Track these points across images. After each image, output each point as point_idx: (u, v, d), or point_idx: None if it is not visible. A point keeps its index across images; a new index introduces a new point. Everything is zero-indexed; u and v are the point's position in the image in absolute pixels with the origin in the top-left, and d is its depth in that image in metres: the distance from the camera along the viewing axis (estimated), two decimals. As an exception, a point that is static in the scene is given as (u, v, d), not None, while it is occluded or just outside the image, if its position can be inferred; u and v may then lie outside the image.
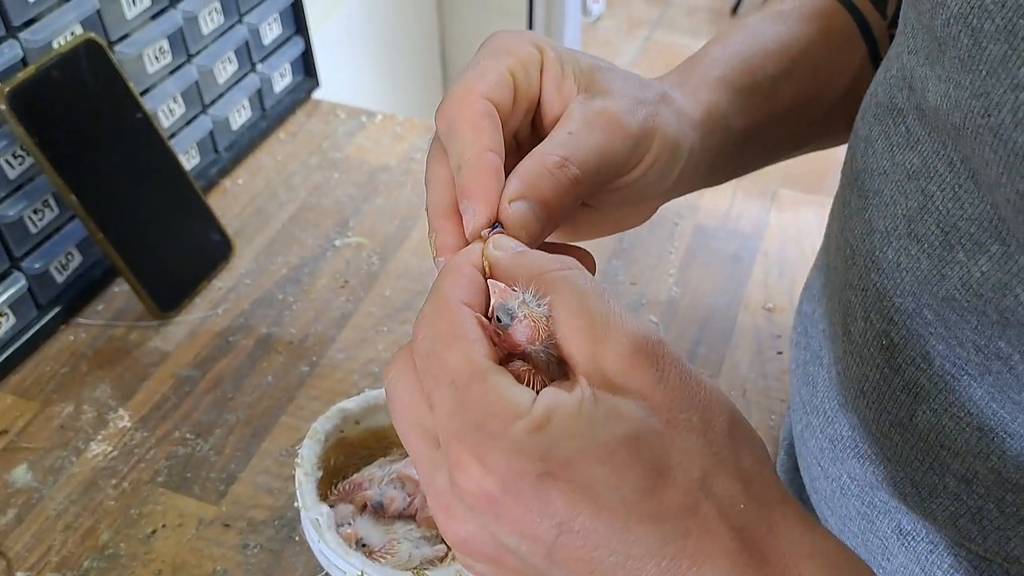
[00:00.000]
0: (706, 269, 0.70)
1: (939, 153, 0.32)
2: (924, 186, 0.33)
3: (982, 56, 0.27)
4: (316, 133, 0.83)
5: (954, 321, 0.32)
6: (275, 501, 0.55)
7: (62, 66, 0.59)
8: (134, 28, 0.66)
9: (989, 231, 0.30)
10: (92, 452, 0.57)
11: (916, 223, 0.33)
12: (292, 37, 0.82)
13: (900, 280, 0.34)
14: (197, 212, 0.69)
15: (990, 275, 0.30)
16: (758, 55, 0.43)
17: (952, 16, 0.28)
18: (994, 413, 0.33)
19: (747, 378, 0.62)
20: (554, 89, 0.34)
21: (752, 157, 0.46)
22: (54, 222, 0.64)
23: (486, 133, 0.31)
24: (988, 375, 0.32)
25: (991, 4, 0.26)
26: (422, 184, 0.79)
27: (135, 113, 0.64)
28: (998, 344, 0.31)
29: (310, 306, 0.67)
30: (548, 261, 0.28)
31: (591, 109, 0.33)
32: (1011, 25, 0.25)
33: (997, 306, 0.30)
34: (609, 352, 0.26)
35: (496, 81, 0.33)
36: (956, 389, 0.33)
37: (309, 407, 0.60)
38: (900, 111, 0.35)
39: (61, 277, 0.65)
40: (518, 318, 0.27)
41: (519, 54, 0.34)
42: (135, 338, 0.65)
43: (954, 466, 0.35)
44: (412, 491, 0.48)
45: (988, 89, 0.27)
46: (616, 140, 0.33)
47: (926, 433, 0.35)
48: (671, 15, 2.99)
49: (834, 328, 0.41)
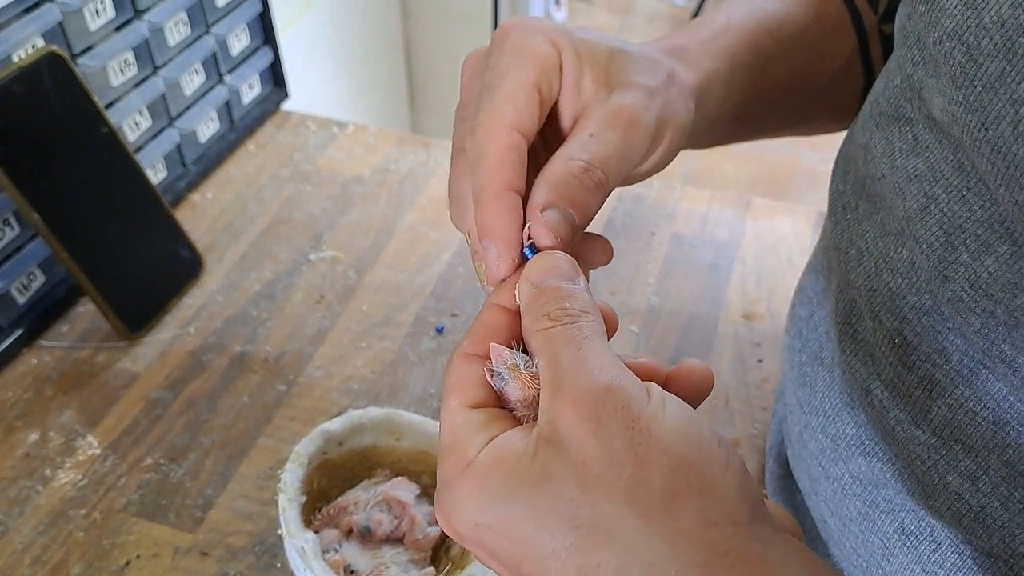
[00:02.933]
0: (685, 278, 0.70)
1: (948, 159, 0.32)
2: (928, 189, 0.33)
3: (978, 72, 0.27)
4: (286, 145, 0.81)
5: (959, 322, 0.32)
6: (255, 527, 0.53)
7: (23, 80, 0.57)
8: (98, 40, 0.64)
9: (999, 232, 0.30)
10: (60, 481, 0.55)
11: (916, 224, 0.33)
12: (260, 47, 0.80)
13: (916, 279, 0.34)
14: (165, 228, 0.67)
15: (999, 275, 0.30)
16: (760, 31, 0.43)
17: (945, 33, 0.28)
18: (1011, 406, 0.33)
19: (729, 386, 0.62)
20: (573, 87, 0.34)
21: (737, 130, 0.47)
22: (15, 241, 0.61)
23: (511, 168, 0.32)
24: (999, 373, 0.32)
25: (989, 23, 0.26)
26: (397, 196, 0.79)
27: (100, 127, 0.62)
28: (1001, 347, 0.31)
29: (285, 323, 0.65)
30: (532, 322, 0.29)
31: (609, 109, 0.34)
32: (1010, 43, 0.26)
33: (1007, 306, 0.30)
34: (559, 405, 0.27)
35: (524, 104, 0.33)
36: (974, 383, 0.34)
37: (288, 427, 0.58)
38: (908, 119, 0.35)
39: (23, 298, 0.62)
40: (506, 381, 0.29)
41: (542, 61, 0.34)
42: (102, 360, 0.62)
43: (964, 462, 0.35)
44: (399, 514, 0.47)
45: (984, 104, 0.27)
46: (634, 137, 0.34)
47: (940, 428, 0.35)
48: (632, 23, 3.01)
49: (836, 328, 0.41)
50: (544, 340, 0.28)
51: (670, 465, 0.26)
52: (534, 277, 0.30)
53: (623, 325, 0.66)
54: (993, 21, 0.26)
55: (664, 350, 0.64)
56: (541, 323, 0.29)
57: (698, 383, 0.32)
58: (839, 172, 0.43)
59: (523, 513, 0.26)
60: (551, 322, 0.29)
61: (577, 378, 0.27)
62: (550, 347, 0.28)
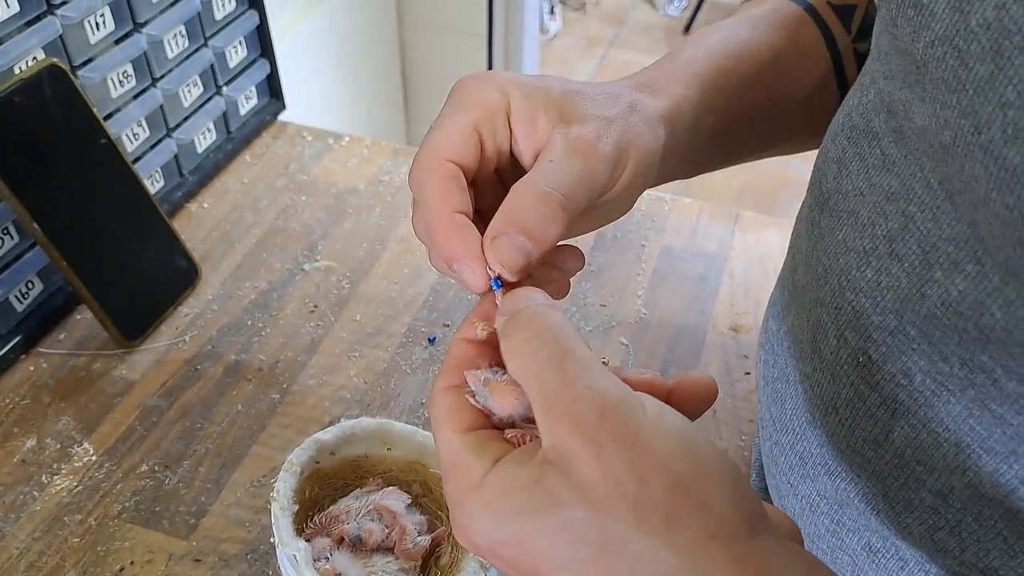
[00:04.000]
0: (674, 290, 0.71)
1: (916, 175, 0.33)
2: (904, 207, 0.33)
3: (969, 76, 0.27)
4: (282, 155, 0.82)
5: (938, 337, 0.33)
6: (247, 534, 0.54)
7: (24, 92, 0.58)
8: (98, 52, 0.65)
9: (965, 251, 0.31)
10: (56, 487, 0.56)
11: (897, 243, 0.34)
12: (257, 60, 0.81)
13: (880, 299, 0.35)
14: (162, 237, 0.68)
15: (967, 294, 0.31)
16: (732, 57, 0.44)
17: (937, 38, 0.29)
18: (971, 429, 0.33)
19: (716, 398, 0.63)
20: (527, 129, 0.35)
21: (717, 156, 0.47)
22: (14, 250, 0.62)
23: (453, 194, 0.33)
24: (971, 388, 0.33)
25: (976, 26, 0.27)
26: (391, 207, 0.80)
27: (99, 138, 0.63)
28: (981, 358, 0.32)
29: (279, 332, 0.66)
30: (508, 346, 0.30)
31: (568, 139, 0.35)
32: (997, 46, 0.26)
33: (976, 323, 0.31)
34: (558, 428, 0.27)
35: (460, 141, 0.34)
36: (935, 405, 0.34)
37: (281, 436, 0.59)
38: (876, 134, 0.35)
39: (21, 306, 0.63)
40: (484, 396, 0.31)
41: (484, 105, 0.35)
42: (99, 367, 0.63)
43: (930, 481, 0.36)
44: (390, 523, 0.48)
45: (976, 108, 0.27)
46: (594, 164, 0.34)
47: (902, 449, 0.36)
48: (626, 33, 3.03)
49: (802, 346, 0.41)
50: (523, 358, 0.29)
51: (670, 480, 0.27)
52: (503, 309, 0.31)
53: (613, 337, 0.67)
54: (980, 24, 0.26)
55: (652, 362, 0.65)
56: (515, 342, 0.30)
57: (701, 394, 0.33)
58: (809, 187, 0.43)
59: (535, 531, 0.27)
60: (525, 341, 0.29)
61: (568, 398, 0.27)
62: (533, 366, 0.29)
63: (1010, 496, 0.34)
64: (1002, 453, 0.33)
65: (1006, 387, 0.31)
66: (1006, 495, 0.34)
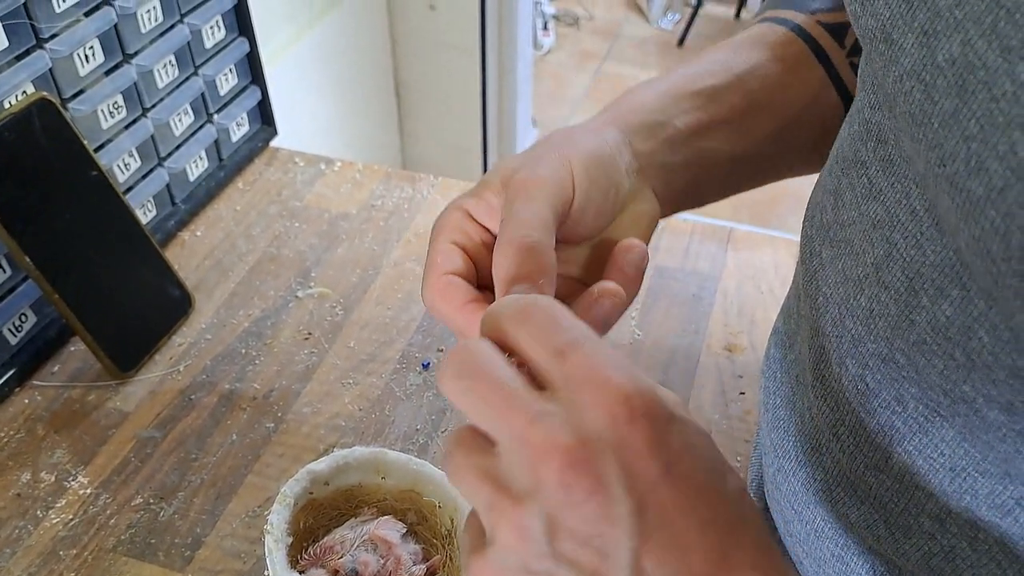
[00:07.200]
0: (667, 311, 0.71)
1: (902, 203, 0.33)
2: (888, 235, 0.34)
3: (934, 110, 0.28)
4: (275, 182, 0.83)
5: (922, 365, 0.33)
6: (243, 566, 0.54)
7: (14, 126, 0.58)
8: (88, 84, 0.66)
9: (950, 276, 0.31)
10: (51, 520, 0.56)
11: (883, 271, 0.34)
12: (248, 87, 0.82)
13: (874, 326, 0.35)
14: (155, 267, 0.68)
15: (954, 319, 0.31)
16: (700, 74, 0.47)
17: (904, 72, 0.29)
18: (966, 452, 0.34)
19: (711, 419, 0.63)
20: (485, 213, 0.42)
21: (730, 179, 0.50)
22: (7, 283, 0.62)
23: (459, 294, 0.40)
24: (957, 417, 0.33)
25: (943, 61, 0.27)
26: (383, 232, 0.80)
27: (90, 171, 0.63)
28: (963, 388, 0.32)
29: (273, 360, 0.66)
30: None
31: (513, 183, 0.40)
32: (962, 81, 0.27)
33: (964, 348, 0.31)
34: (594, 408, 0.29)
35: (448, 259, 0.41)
36: (929, 431, 0.34)
37: (276, 465, 0.59)
38: (863, 163, 0.36)
39: (15, 339, 0.63)
40: None
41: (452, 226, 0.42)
42: (93, 399, 0.63)
43: (928, 506, 0.36)
44: (385, 553, 0.48)
45: (941, 141, 0.28)
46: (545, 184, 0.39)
47: (901, 475, 0.36)
48: (620, 47, 3.04)
49: (806, 374, 0.42)
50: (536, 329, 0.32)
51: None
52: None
53: (606, 358, 0.67)
54: (946, 59, 0.27)
55: (647, 383, 0.65)
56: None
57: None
58: (808, 218, 0.44)
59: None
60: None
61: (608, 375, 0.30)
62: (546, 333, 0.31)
63: (1006, 518, 0.34)
64: (997, 475, 0.33)
65: (987, 416, 0.32)
66: (1002, 516, 0.34)
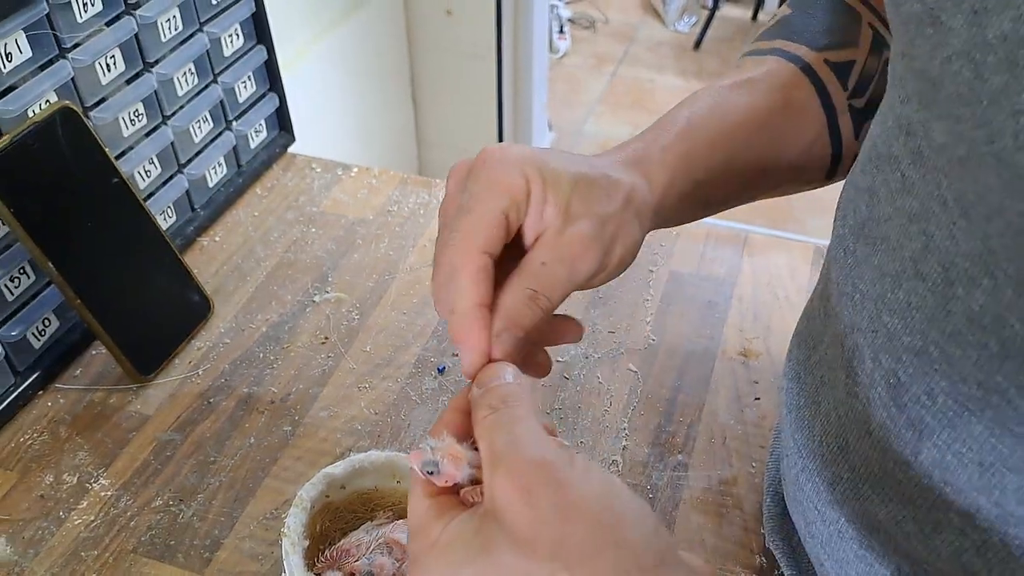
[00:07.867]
0: (682, 316, 0.71)
1: (933, 194, 0.34)
2: (924, 227, 0.35)
3: (983, 88, 0.28)
4: (292, 188, 0.83)
5: (957, 357, 0.34)
6: (260, 567, 0.54)
7: (38, 135, 0.59)
8: (109, 93, 0.67)
9: (980, 266, 0.32)
10: (74, 522, 0.57)
11: (920, 263, 0.35)
12: (267, 94, 0.83)
13: (911, 319, 0.36)
14: (174, 272, 0.69)
15: (988, 308, 0.32)
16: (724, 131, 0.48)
17: (954, 52, 0.30)
18: (993, 448, 0.34)
19: (727, 425, 0.63)
20: (537, 214, 0.40)
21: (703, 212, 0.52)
22: (31, 288, 0.63)
23: (482, 286, 0.39)
24: (988, 409, 0.33)
25: (993, 39, 0.28)
26: (399, 237, 0.80)
27: (111, 178, 0.64)
28: (996, 379, 0.32)
29: (291, 364, 0.67)
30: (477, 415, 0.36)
31: (563, 241, 0.40)
32: (1012, 56, 0.27)
33: (998, 337, 0.32)
34: (497, 479, 0.32)
35: (494, 232, 0.39)
36: (958, 425, 0.35)
37: (293, 468, 0.60)
38: (895, 158, 0.37)
39: (38, 343, 0.64)
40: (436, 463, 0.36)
41: (512, 192, 0.40)
42: (114, 402, 0.64)
43: (957, 502, 0.36)
44: (400, 556, 0.48)
45: (990, 118, 0.28)
46: (580, 267, 0.40)
47: (930, 470, 0.37)
48: (635, 51, 3.04)
49: (835, 372, 0.42)
50: (484, 427, 0.35)
51: (590, 521, 0.31)
52: (479, 383, 0.38)
53: (621, 364, 0.67)
54: (996, 36, 0.28)
55: (662, 389, 0.65)
56: (483, 413, 0.36)
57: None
58: (839, 217, 0.44)
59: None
60: (490, 410, 0.35)
61: (511, 455, 0.33)
62: (489, 433, 0.34)
63: None
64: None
65: (1021, 407, 0.32)
66: None
